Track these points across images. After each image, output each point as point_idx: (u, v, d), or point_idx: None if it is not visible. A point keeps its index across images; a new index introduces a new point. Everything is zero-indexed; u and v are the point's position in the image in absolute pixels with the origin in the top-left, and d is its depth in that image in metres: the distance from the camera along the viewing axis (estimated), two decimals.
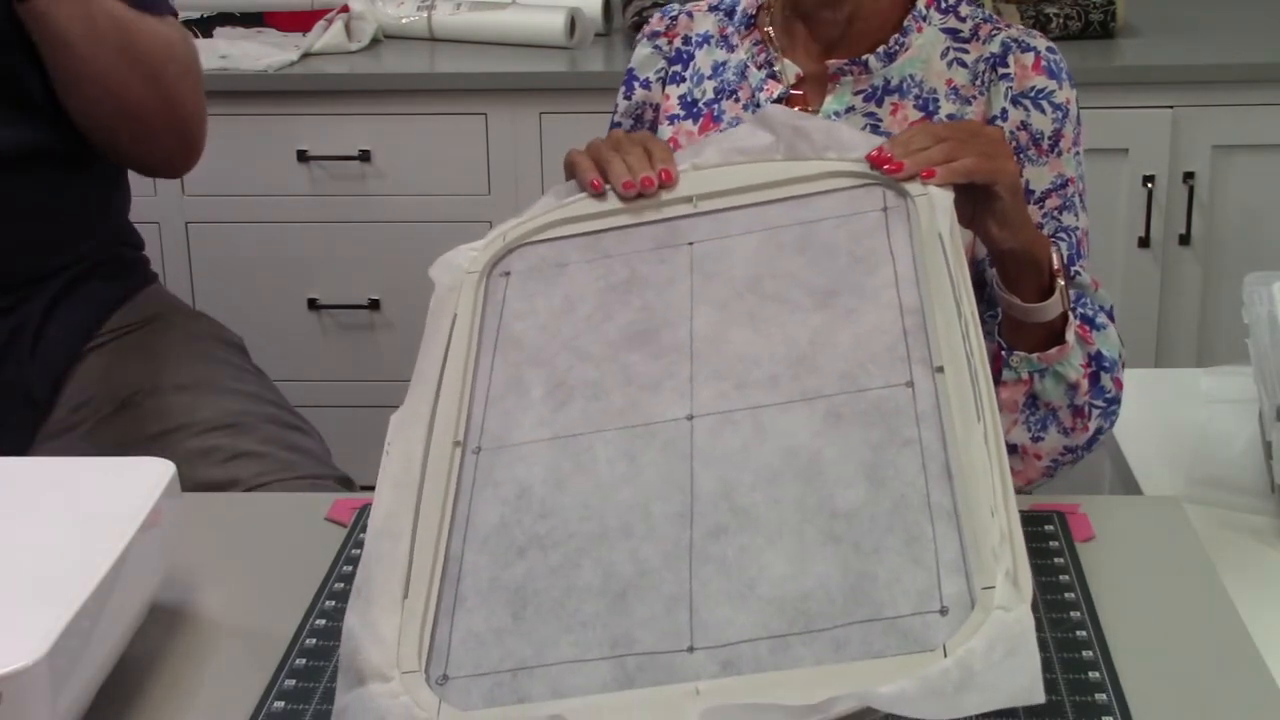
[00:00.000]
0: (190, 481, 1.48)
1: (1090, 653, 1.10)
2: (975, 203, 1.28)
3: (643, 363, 1.17)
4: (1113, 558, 1.23)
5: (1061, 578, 1.20)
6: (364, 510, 1.32)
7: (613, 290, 1.25)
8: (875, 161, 1.25)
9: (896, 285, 1.17)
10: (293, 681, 1.10)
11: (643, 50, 1.61)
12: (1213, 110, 2.70)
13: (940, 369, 1.07)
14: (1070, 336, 1.36)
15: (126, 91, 1.64)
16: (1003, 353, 1.38)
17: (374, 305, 2.87)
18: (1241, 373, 1.69)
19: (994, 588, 0.92)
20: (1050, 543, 1.25)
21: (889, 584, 0.95)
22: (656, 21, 1.63)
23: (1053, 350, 1.36)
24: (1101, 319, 1.42)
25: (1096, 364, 1.39)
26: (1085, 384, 1.39)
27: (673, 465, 1.08)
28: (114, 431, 1.69)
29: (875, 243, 1.22)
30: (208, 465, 1.65)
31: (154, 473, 1.15)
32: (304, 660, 1.12)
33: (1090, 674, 1.07)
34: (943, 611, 0.93)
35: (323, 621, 1.16)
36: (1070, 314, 1.36)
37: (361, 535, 1.28)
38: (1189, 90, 2.70)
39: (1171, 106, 2.70)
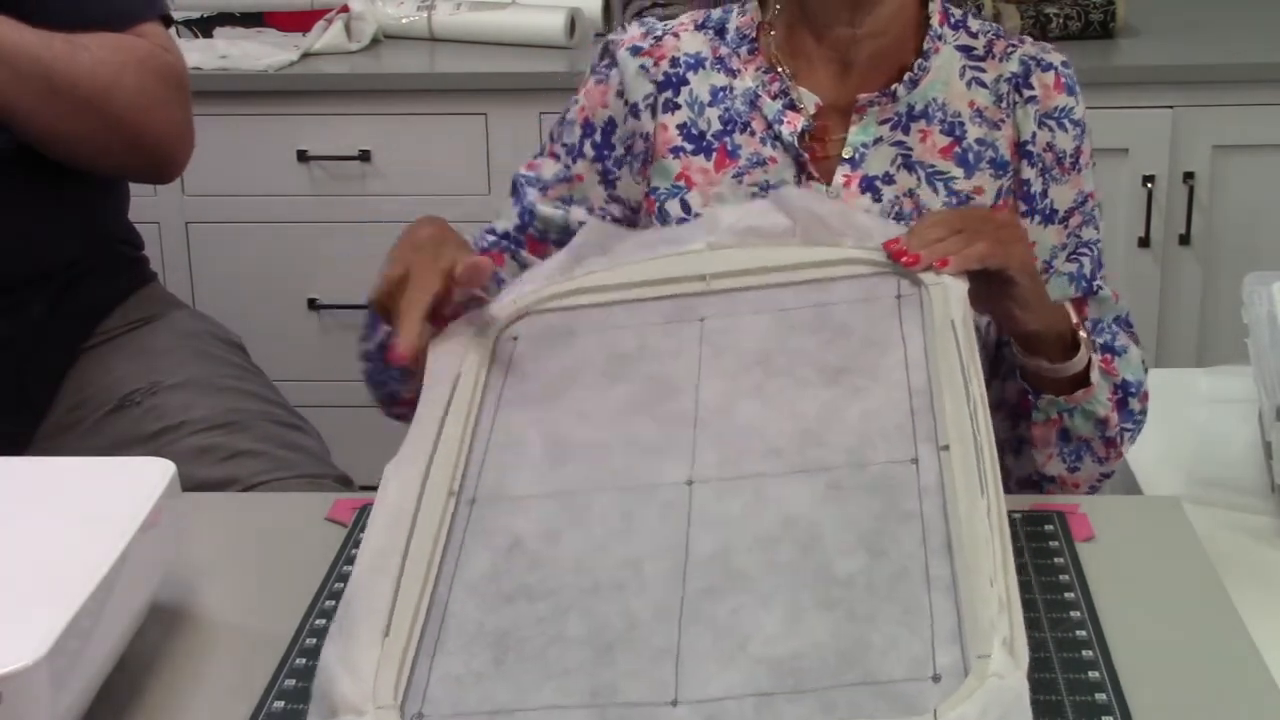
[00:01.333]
0: (189, 480, 1.47)
1: (1090, 652, 1.10)
2: (992, 289, 1.27)
3: (645, 428, 1.17)
4: (1113, 557, 1.23)
5: (1061, 577, 1.20)
6: (364, 510, 1.32)
7: (620, 359, 1.25)
8: (892, 253, 1.25)
9: (906, 367, 1.17)
10: (293, 681, 1.10)
11: (629, 64, 1.48)
12: (1213, 110, 2.70)
13: (946, 447, 1.07)
14: (1095, 377, 1.36)
15: (64, 126, 1.62)
16: (1030, 396, 1.37)
17: None
18: (1241, 373, 1.69)
19: (989, 656, 0.91)
20: (1050, 542, 1.25)
21: (883, 650, 0.95)
22: (639, 36, 1.50)
23: (1079, 392, 1.36)
24: (1122, 340, 1.42)
25: (1123, 391, 1.40)
26: (1115, 416, 1.39)
27: (669, 526, 1.08)
28: (112, 431, 1.69)
29: (887, 327, 1.22)
30: (206, 464, 1.65)
31: (154, 473, 1.15)
32: (304, 660, 1.12)
33: (1090, 674, 1.07)
34: (935, 679, 0.92)
35: (323, 621, 1.16)
36: (1093, 356, 1.36)
37: (361, 535, 1.28)
38: (1189, 90, 2.70)
39: (1171, 106, 2.70)
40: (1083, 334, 1.35)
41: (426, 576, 1.06)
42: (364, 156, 2.79)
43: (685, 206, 1.46)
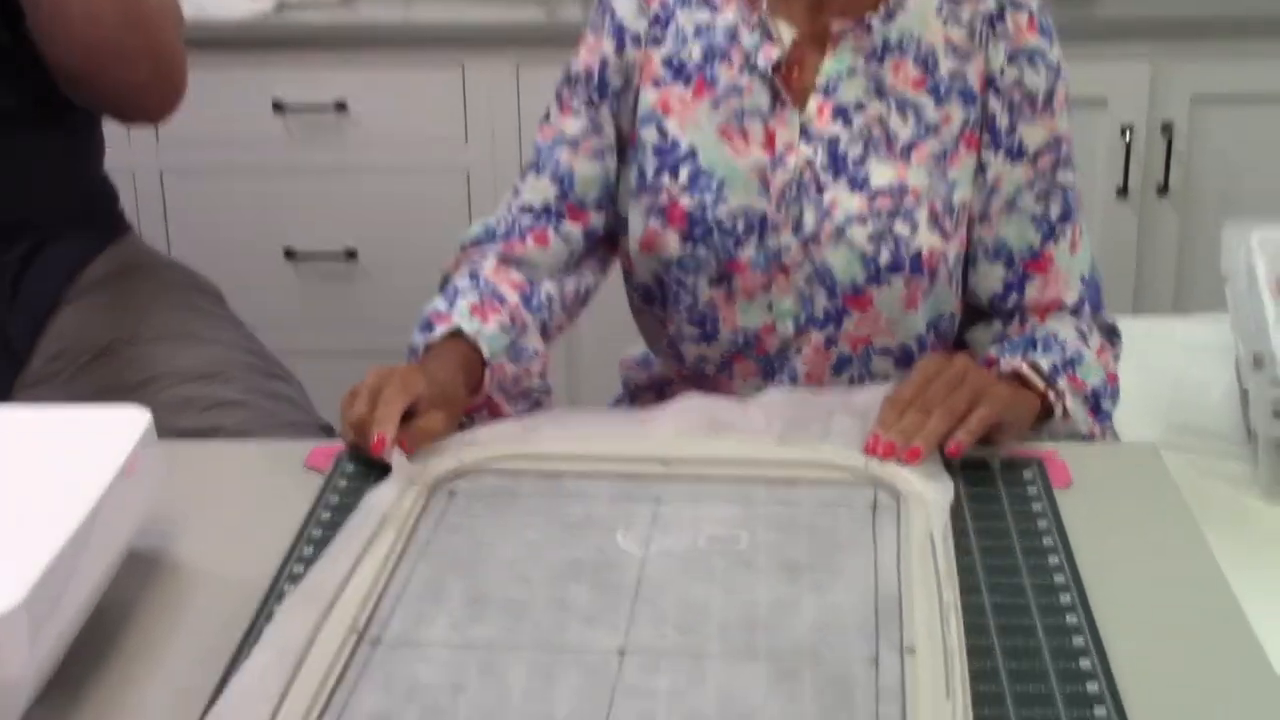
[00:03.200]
0: (171, 431, 1.47)
1: (1068, 596, 1.10)
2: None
3: (581, 593, 1.11)
4: (1090, 504, 1.24)
5: (1039, 524, 1.20)
6: (342, 456, 1.32)
7: (564, 527, 1.20)
8: (881, 452, 1.26)
9: (875, 572, 1.14)
10: None
11: (624, 5, 1.53)
12: (1191, 60, 2.70)
13: (912, 650, 1.03)
14: (1071, 410, 1.38)
15: (103, 17, 1.61)
16: None
17: (351, 255, 2.86)
18: (1218, 321, 1.70)
19: None
20: (1028, 489, 1.25)
21: None
22: None
23: (1057, 424, 1.39)
24: (1075, 347, 1.43)
25: (1094, 399, 1.42)
26: (1093, 421, 1.42)
27: (591, 693, 1.00)
28: (92, 381, 1.68)
29: (859, 532, 1.19)
30: (189, 414, 1.64)
31: (130, 421, 1.14)
32: None
33: (1068, 618, 1.07)
34: None
35: (300, 568, 1.16)
36: (1066, 402, 1.38)
37: (340, 481, 1.28)
38: (1167, 41, 2.70)
39: (1150, 57, 2.70)
40: (1051, 397, 1.37)
41: (308, 712, 0.98)
42: (340, 107, 2.77)
43: (661, 132, 1.50)
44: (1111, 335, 1.49)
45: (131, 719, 1.01)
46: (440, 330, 1.38)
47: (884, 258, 1.44)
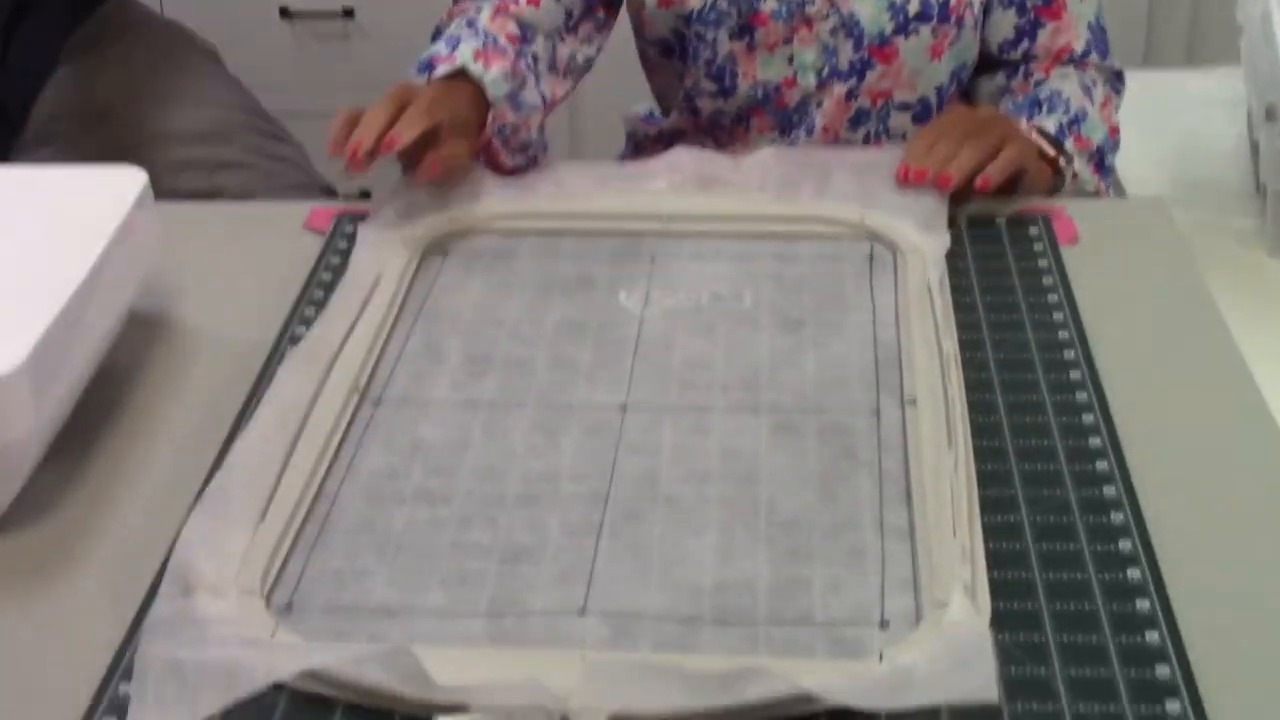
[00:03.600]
0: (173, 193, 1.45)
1: (1072, 353, 1.10)
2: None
3: (580, 351, 1.11)
4: (1097, 260, 1.23)
5: (1045, 280, 1.19)
6: (342, 217, 1.31)
7: (560, 286, 1.19)
8: (913, 178, 1.25)
9: (874, 324, 1.13)
10: None
11: None
12: None
13: (913, 401, 1.03)
14: (1079, 170, 1.37)
15: None
16: None
17: (348, 13, 2.81)
18: (1231, 74, 1.67)
19: (947, 605, 0.84)
20: (1034, 245, 1.24)
21: (824, 591, 0.87)
22: None
23: (1065, 186, 1.38)
24: (1079, 104, 1.41)
25: (1098, 156, 1.40)
26: (1097, 178, 1.40)
27: (595, 448, 1.00)
28: (92, 144, 1.66)
29: (855, 286, 1.18)
30: (192, 177, 1.63)
31: (126, 181, 1.13)
32: None
33: (1072, 374, 1.07)
34: (883, 624, 0.85)
35: (302, 329, 1.15)
36: (1075, 163, 1.36)
37: (340, 243, 1.27)
38: None
39: None
40: (1062, 162, 1.36)
41: (315, 468, 0.98)
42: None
43: None
44: (1116, 82, 1.47)
45: (137, 479, 1.02)
46: (443, 69, 1.35)
47: (913, 6, 1.41)
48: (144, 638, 0.84)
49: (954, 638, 0.82)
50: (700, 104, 1.53)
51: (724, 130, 1.54)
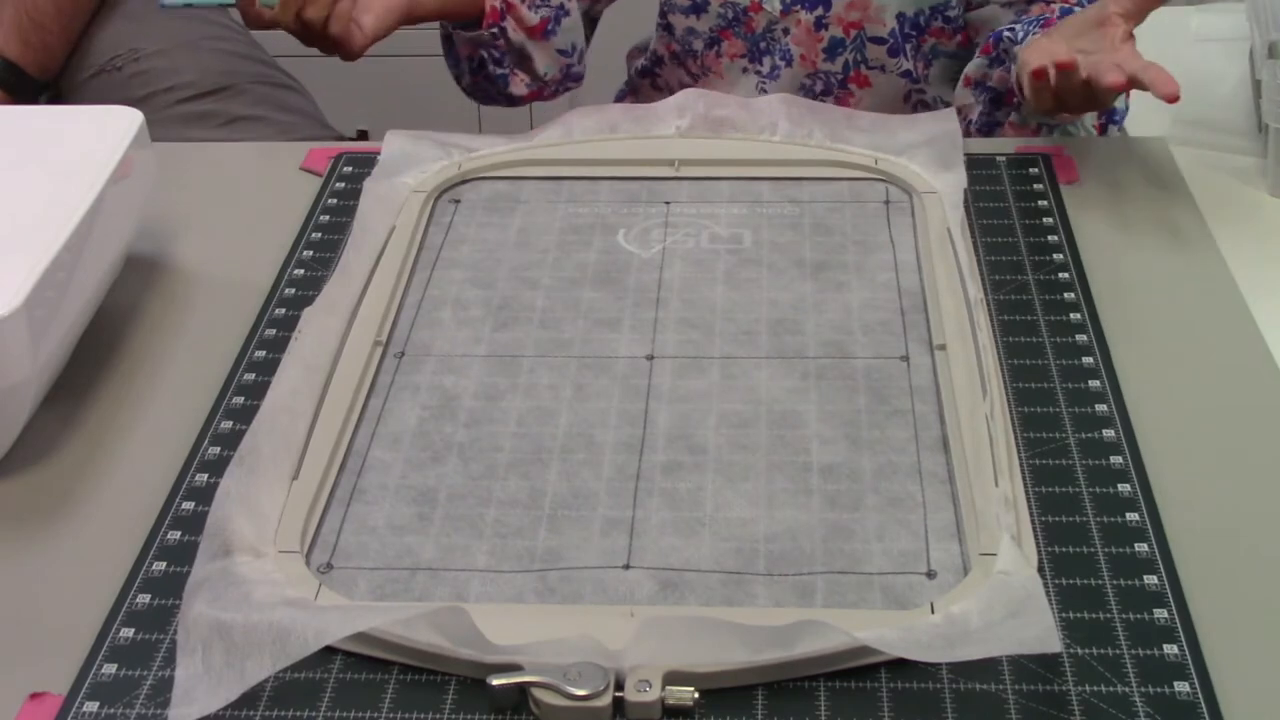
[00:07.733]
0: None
1: (1072, 294, 1.10)
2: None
3: (601, 300, 1.10)
4: (1097, 199, 1.22)
5: (1045, 220, 1.19)
6: (340, 158, 1.30)
7: (576, 232, 1.18)
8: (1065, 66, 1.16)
9: (896, 269, 1.12)
10: (273, 331, 1.09)
11: None
12: None
13: (942, 346, 1.02)
14: None
15: None
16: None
17: None
18: (1234, 10, 1.66)
19: (995, 554, 0.83)
20: (1034, 185, 1.24)
21: (867, 540, 0.87)
22: None
23: None
24: None
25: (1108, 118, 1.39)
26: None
27: (625, 399, 1.00)
28: (94, 96, 1.65)
29: (874, 229, 1.17)
30: (203, 130, 1.62)
31: (122, 121, 1.12)
32: (283, 310, 1.11)
33: (1072, 315, 1.07)
34: (930, 575, 0.85)
35: (300, 271, 1.15)
36: None
37: (338, 184, 1.27)
38: None
39: None
40: None
41: (345, 424, 0.98)
42: None
43: None
44: None
45: (137, 421, 1.02)
46: None
47: None
48: (186, 599, 0.83)
49: (1004, 587, 0.81)
50: (674, 20, 1.53)
51: (695, 55, 1.53)
